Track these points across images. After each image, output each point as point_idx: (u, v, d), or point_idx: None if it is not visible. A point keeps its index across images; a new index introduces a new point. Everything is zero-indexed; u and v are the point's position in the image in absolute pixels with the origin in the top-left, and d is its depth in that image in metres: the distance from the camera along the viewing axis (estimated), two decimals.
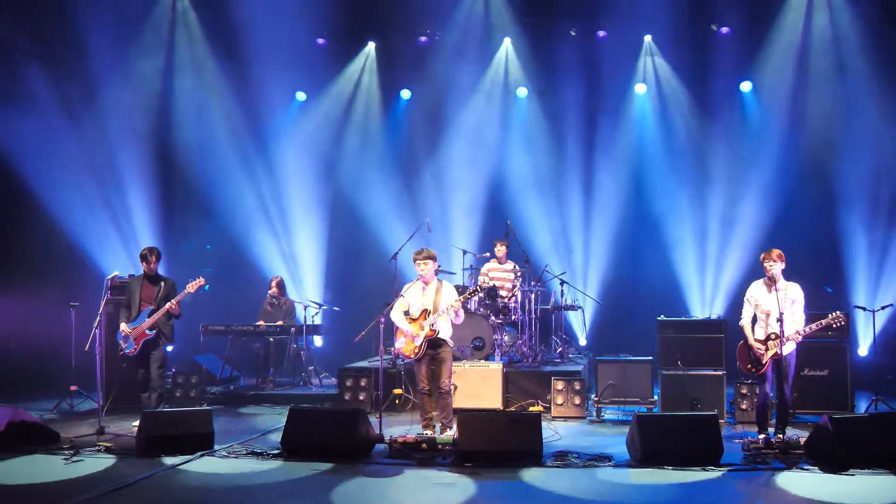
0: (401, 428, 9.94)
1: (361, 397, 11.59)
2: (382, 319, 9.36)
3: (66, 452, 8.70)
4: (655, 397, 10.87)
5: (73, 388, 11.66)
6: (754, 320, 9.15)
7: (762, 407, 9.08)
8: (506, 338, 12.48)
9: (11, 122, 13.59)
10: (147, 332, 10.23)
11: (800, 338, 8.87)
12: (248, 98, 15.44)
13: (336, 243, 15.90)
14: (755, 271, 11.64)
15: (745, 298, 9.29)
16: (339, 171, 16.01)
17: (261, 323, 13.29)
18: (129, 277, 10.88)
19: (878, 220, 13.63)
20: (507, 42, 15.56)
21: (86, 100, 14.25)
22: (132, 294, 10.49)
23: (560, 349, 13.14)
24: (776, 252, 8.99)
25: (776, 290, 8.90)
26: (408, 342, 9.29)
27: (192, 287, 10.25)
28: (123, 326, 10.31)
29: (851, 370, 10.56)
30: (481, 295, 12.00)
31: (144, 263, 10.45)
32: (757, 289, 9.17)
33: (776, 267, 8.92)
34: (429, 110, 15.78)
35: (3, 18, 13.53)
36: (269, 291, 13.75)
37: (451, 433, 9.05)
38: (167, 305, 10.24)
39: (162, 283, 10.46)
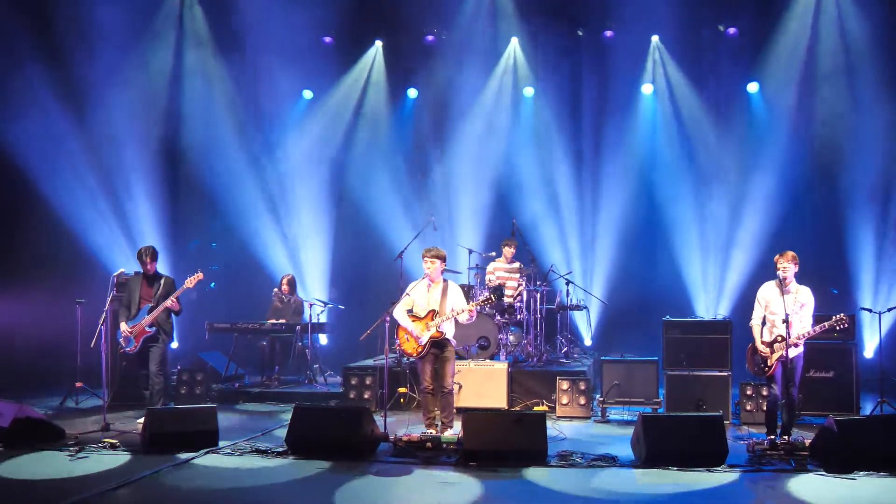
0: (402, 420, 10.00)
1: (366, 396, 11.62)
2: (388, 318, 9.38)
3: (71, 449, 8.72)
4: (660, 398, 10.87)
5: (78, 384, 11.68)
6: (764, 321, 9.12)
7: (771, 409, 9.05)
8: (511, 337, 12.47)
9: (18, 121, 13.64)
10: (147, 328, 10.26)
11: (801, 342, 8.85)
12: (255, 96, 15.50)
13: (342, 242, 15.89)
14: (761, 272, 11.71)
15: (755, 299, 9.26)
16: (346, 170, 16.00)
17: (268, 321, 13.30)
18: (136, 274, 10.88)
19: (884, 222, 13.59)
20: (514, 41, 15.54)
21: (92, 98, 14.26)
22: (132, 293, 10.51)
23: (565, 349, 13.14)
24: (791, 254, 8.95)
25: (786, 292, 8.88)
26: (412, 340, 9.30)
27: (190, 282, 10.26)
28: (123, 326, 10.34)
29: (857, 372, 10.55)
30: (495, 301, 12.03)
31: (141, 264, 10.47)
32: (767, 290, 9.13)
33: (789, 269, 8.89)
34: (436, 109, 15.76)
35: (8, 18, 13.57)
36: (278, 288, 13.78)
37: (452, 432, 9.06)
38: (166, 302, 10.26)
39: (161, 281, 10.48)
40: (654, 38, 15.13)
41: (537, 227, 14.97)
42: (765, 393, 10.14)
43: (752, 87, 14.72)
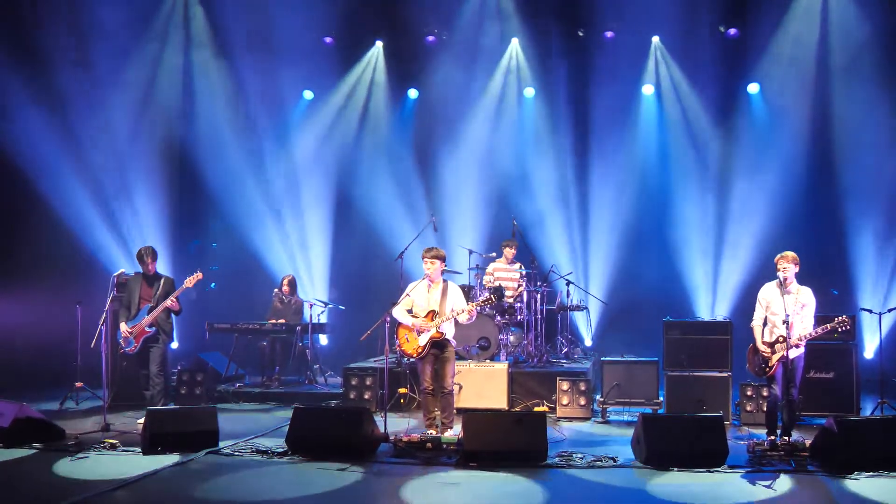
0: (403, 421, 10.03)
1: (366, 396, 11.61)
2: (388, 318, 9.38)
3: (72, 449, 8.74)
4: (661, 398, 10.87)
5: (78, 384, 11.68)
6: (765, 322, 9.12)
7: (772, 409, 9.04)
8: (511, 338, 12.46)
9: (18, 121, 13.65)
10: (147, 329, 10.27)
11: (803, 343, 8.85)
12: (256, 97, 15.47)
13: (342, 242, 15.89)
14: (761, 273, 11.70)
15: (757, 300, 9.25)
16: (346, 170, 15.99)
17: (268, 321, 13.29)
18: (135, 274, 10.87)
19: (885, 222, 13.58)
20: (514, 42, 15.53)
21: (93, 99, 14.27)
22: (132, 293, 10.52)
23: (565, 349, 13.14)
24: (791, 255, 8.94)
25: (787, 293, 8.88)
26: (412, 341, 9.30)
27: (189, 282, 10.26)
28: (123, 327, 10.34)
29: (857, 373, 10.53)
30: (495, 301, 12.02)
31: (141, 264, 10.48)
32: (768, 291, 9.13)
33: (790, 270, 8.89)
34: (436, 110, 15.75)
35: (9, 17, 13.57)
36: (278, 289, 13.78)
37: (453, 433, 9.07)
38: (166, 302, 10.26)
39: (161, 281, 10.48)
40: (655, 39, 15.13)
41: (538, 228, 14.96)
42: (765, 393, 10.14)
43: (753, 88, 14.72)
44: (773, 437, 8.71)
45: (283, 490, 7.46)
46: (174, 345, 13.47)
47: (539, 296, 12.66)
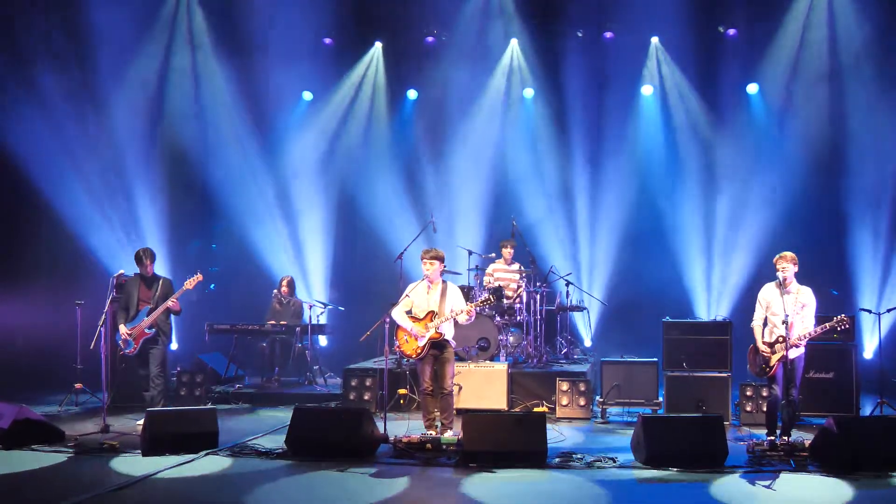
0: (402, 422, 10.04)
1: (366, 397, 11.61)
2: (388, 319, 9.37)
3: (71, 450, 8.73)
4: (660, 399, 10.87)
5: (78, 385, 11.68)
6: (766, 322, 9.12)
7: (772, 409, 9.04)
8: (511, 338, 12.45)
9: (19, 121, 13.65)
10: (146, 330, 10.26)
11: (803, 342, 8.85)
12: (255, 98, 15.45)
13: (341, 243, 15.89)
14: (761, 273, 11.70)
15: (757, 300, 9.26)
16: (346, 171, 15.97)
17: (267, 322, 13.29)
18: (134, 276, 10.85)
19: (885, 223, 13.57)
20: (513, 43, 15.51)
21: (93, 99, 14.28)
22: (130, 295, 10.50)
23: (565, 350, 13.13)
24: (789, 255, 8.96)
25: (786, 293, 8.89)
26: (411, 342, 9.29)
27: (189, 284, 10.25)
28: (122, 329, 10.32)
29: (857, 373, 10.53)
30: (494, 301, 11.99)
31: (140, 266, 10.47)
32: (768, 291, 9.14)
33: (789, 270, 8.90)
34: (435, 110, 15.73)
35: (11, 20, 13.58)
36: (277, 290, 13.77)
37: (452, 433, 9.07)
38: (167, 303, 10.25)
39: (159, 282, 10.48)
40: (654, 40, 15.11)
41: (537, 228, 14.95)
42: (764, 394, 10.14)
43: (752, 88, 14.70)
44: (772, 437, 8.72)
45: (283, 491, 7.48)
46: (173, 346, 13.47)
47: (538, 296, 12.66)
